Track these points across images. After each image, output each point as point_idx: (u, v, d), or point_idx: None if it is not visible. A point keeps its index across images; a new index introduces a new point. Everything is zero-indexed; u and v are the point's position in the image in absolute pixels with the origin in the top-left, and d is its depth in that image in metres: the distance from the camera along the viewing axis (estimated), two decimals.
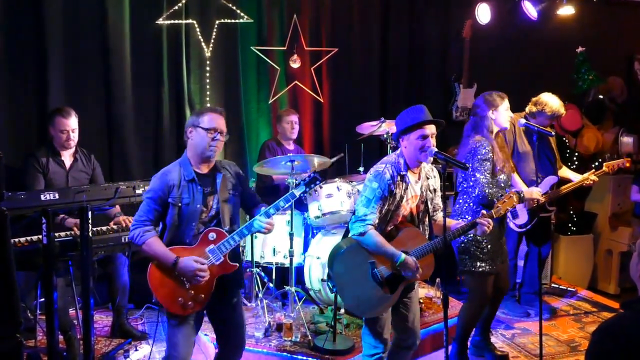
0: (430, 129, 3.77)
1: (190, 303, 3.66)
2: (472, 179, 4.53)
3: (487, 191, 4.47)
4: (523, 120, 4.72)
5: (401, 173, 3.81)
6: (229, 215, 3.81)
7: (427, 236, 3.97)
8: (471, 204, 4.57)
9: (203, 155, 3.73)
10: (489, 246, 4.57)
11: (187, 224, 3.68)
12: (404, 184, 3.82)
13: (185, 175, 3.69)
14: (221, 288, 3.76)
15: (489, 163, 4.50)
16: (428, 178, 3.98)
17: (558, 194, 5.63)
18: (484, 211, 3.95)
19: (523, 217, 5.57)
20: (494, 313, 5.14)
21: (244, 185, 3.98)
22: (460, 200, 4.67)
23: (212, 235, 3.70)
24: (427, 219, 3.99)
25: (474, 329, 5.00)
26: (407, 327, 4.06)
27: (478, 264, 4.59)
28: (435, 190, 4.02)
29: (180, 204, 3.65)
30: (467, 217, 4.53)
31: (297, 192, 3.87)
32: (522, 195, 4.22)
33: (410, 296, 4.07)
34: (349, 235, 3.90)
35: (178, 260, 3.59)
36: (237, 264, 3.81)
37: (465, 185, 4.61)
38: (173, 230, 3.69)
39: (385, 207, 3.80)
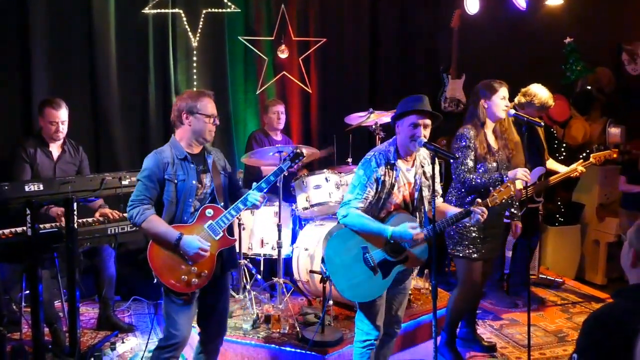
0: (423, 119, 3.75)
1: (194, 280, 3.66)
2: (456, 166, 4.53)
3: (470, 177, 4.46)
4: (513, 111, 4.70)
5: (391, 162, 3.81)
6: (222, 192, 3.87)
7: (421, 224, 3.93)
8: (460, 191, 4.58)
9: (201, 139, 3.80)
10: (478, 232, 4.57)
11: (185, 201, 3.68)
12: (393, 172, 3.81)
13: (177, 155, 3.72)
14: (218, 267, 3.79)
15: (470, 151, 4.50)
16: (423, 166, 3.97)
17: (547, 184, 5.63)
18: (479, 199, 3.91)
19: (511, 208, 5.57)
20: (478, 302, 5.16)
21: (229, 169, 4.04)
22: (451, 189, 4.68)
23: (209, 212, 3.73)
24: (422, 206, 3.97)
25: (461, 319, 5.00)
26: (390, 315, 4.09)
27: (464, 249, 4.60)
28: (432, 176, 3.93)
29: (176, 181, 3.66)
30: (457, 204, 4.54)
31: (284, 167, 3.99)
32: (505, 175, 4.36)
33: (403, 287, 4.09)
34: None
35: (182, 237, 3.58)
36: (236, 238, 3.89)
37: (453, 174, 4.62)
38: (171, 208, 3.68)
39: (376, 195, 3.81)
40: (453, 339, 4.92)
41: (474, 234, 4.56)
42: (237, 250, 5.69)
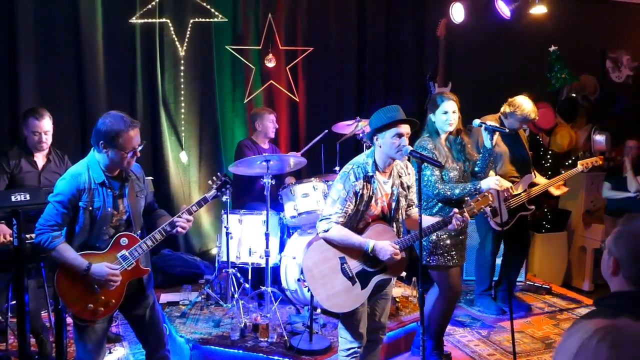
0: (405, 128, 3.81)
1: (101, 309, 3.60)
2: (424, 178, 4.51)
3: (443, 188, 4.49)
4: (478, 121, 4.72)
5: (369, 174, 3.85)
6: (139, 217, 3.76)
7: (398, 233, 4.02)
8: (430, 201, 4.61)
9: (117, 169, 3.64)
10: (448, 241, 4.58)
11: (99, 228, 3.58)
12: (371, 185, 3.86)
13: (95, 179, 3.56)
14: (134, 290, 3.74)
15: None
16: (400, 176, 4.01)
17: (528, 195, 5.69)
18: (455, 209, 3.95)
19: (503, 216, 5.61)
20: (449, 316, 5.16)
21: (147, 188, 3.92)
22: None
23: (124, 241, 3.63)
24: (399, 216, 4.03)
25: (447, 324, 5.02)
26: (374, 322, 4.13)
27: (439, 257, 4.60)
28: (409, 187, 4.06)
29: (91, 208, 3.53)
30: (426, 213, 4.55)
31: (209, 196, 3.92)
32: (478, 185, 4.45)
33: (385, 293, 4.13)
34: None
35: (91, 266, 3.50)
36: (149, 268, 3.77)
37: (423, 184, 4.62)
38: (84, 234, 3.57)
39: (354, 207, 3.84)
40: (440, 345, 4.94)
41: (448, 241, 4.58)
42: (225, 259, 5.70)
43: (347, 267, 3.87)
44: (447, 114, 4.57)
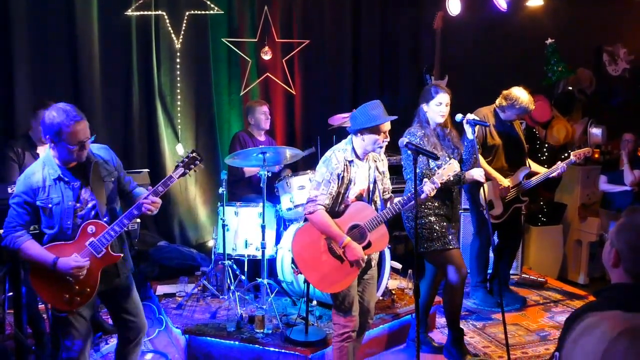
0: (388, 126, 4.00)
1: (77, 298, 3.61)
2: (410, 165, 4.54)
3: (427, 174, 4.56)
4: (460, 115, 4.75)
5: (348, 159, 4.03)
6: (106, 204, 3.70)
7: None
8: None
9: (69, 163, 3.58)
10: (436, 226, 4.69)
11: (63, 223, 3.56)
12: (351, 168, 4.03)
13: (50, 175, 3.53)
14: (110, 275, 3.74)
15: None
16: (375, 161, 4.18)
17: (529, 185, 5.72)
18: (425, 179, 4.19)
19: (498, 209, 5.64)
20: (433, 298, 5.27)
21: (119, 169, 3.85)
22: (406, 190, 4.78)
23: (91, 229, 3.60)
24: (377, 199, 4.20)
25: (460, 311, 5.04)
26: (362, 307, 4.24)
27: (429, 244, 4.70)
28: (383, 172, 4.26)
29: (50, 205, 3.51)
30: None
31: (175, 175, 3.85)
32: (462, 174, 4.58)
33: (369, 276, 4.27)
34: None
35: (57, 260, 3.50)
36: (121, 254, 3.74)
37: (408, 176, 4.69)
38: (50, 230, 3.59)
39: (336, 190, 4.00)
40: (459, 335, 4.98)
41: (443, 224, 4.70)
42: (221, 251, 5.71)
43: (334, 246, 4.02)
44: (440, 106, 4.67)
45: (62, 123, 3.41)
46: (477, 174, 4.66)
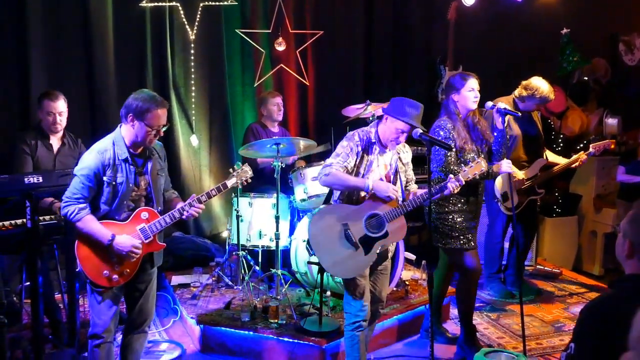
0: (410, 130, 3.98)
1: (115, 277, 3.73)
2: (437, 158, 4.56)
3: (455, 169, 4.49)
4: (490, 103, 4.72)
5: (371, 141, 4.07)
6: (160, 195, 3.92)
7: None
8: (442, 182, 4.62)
9: (140, 145, 3.78)
10: (458, 225, 4.64)
11: (121, 202, 3.72)
12: (373, 149, 4.08)
13: (119, 155, 3.71)
14: (145, 262, 3.87)
15: (450, 142, 4.52)
16: (399, 152, 4.19)
17: (550, 175, 5.69)
18: (451, 175, 4.18)
19: (514, 200, 5.61)
20: (447, 288, 5.24)
21: (166, 168, 4.05)
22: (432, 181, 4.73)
23: (144, 215, 3.78)
24: (398, 189, 4.17)
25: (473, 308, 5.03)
26: (373, 296, 4.28)
27: (447, 240, 4.67)
28: (407, 163, 4.27)
29: (114, 183, 3.68)
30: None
31: (229, 184, 4.09)
32: (490, 169, 4.50)
33: (383, 267, 4.30)
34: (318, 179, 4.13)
35: (115, 237, 3.64)
36: (165, 244, 3.94)
37: (434, 166, 4.62)
38: (106, 207, 3.72)
39: (353, 165, 4.04)
40: (472, 331, 4.95)
41: (464, 224, 4.64)
42: (236, 242, 5.74)
43: (350, 233, 4.02)
44: (473, 91, 4.61)
45: (151, 105, 3.67)
46: (505, 166, 4.60)
